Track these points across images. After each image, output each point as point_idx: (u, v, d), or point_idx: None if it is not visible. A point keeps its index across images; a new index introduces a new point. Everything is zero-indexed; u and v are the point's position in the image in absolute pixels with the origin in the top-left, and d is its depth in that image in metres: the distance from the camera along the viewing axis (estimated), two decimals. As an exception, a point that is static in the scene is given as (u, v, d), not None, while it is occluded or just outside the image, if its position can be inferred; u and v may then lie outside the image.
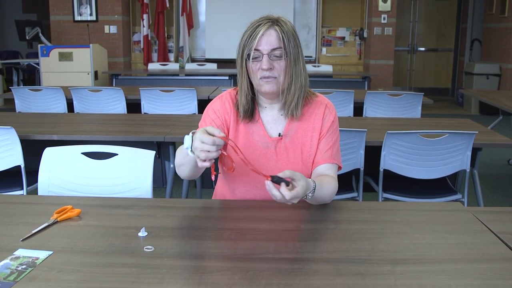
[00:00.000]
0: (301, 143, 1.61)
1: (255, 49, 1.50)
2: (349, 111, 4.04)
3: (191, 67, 7.03)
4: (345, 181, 2.75)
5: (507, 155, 5.21)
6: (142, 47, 8.11)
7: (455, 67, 9.85)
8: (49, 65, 6.89)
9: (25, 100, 4.15)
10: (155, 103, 4.06)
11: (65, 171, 1.81)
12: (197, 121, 1.67)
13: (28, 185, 2.61)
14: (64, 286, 1.04)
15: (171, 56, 8.37)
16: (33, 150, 2.31)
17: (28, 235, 1.28)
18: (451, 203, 1.64)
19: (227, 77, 6.33)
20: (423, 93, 4.09)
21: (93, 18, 7.87)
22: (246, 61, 1.53)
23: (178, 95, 4.04)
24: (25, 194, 2.60)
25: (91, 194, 1.78)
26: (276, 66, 1.51)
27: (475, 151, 2.66)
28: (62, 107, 4.10)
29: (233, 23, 7.64)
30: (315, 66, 6.92)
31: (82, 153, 1.83)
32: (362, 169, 2.63)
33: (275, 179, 1.29)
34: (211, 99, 1.70)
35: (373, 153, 2.60)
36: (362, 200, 2.70)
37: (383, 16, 7.81)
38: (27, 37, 7.39)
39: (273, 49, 1.50)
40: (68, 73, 6.86)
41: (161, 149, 2.87)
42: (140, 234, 1.29)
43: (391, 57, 7.98)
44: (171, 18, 8.22)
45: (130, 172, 1.80)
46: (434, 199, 2.64)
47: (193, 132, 1.37)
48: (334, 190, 1.55)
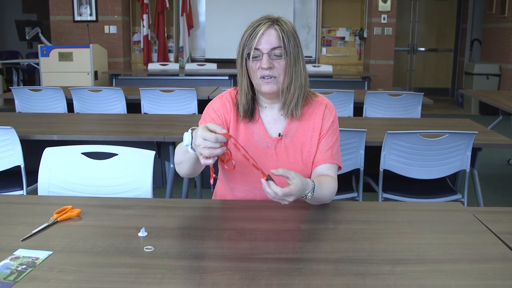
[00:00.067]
0: (301, 143, 1.61)
1: (255, 48, 1.50)
2: (349, 111, 4.04)
3: (191, 67, 7.03)
4: (345, 181, 2.75)
5: (507, 155, 5.21)
6: (142, 47, 8.11)
7: (455, 67, 9.85)
8: (49, 65, 6.89)
9: (25, 100, 4.15)
10: (155, 103, 4.06)
11: (65, 171, 1.81)
12: (197, 121, 1.67)
13: (28, 185, 2.61)
14: (64, 286, 1.04)
15: (171, 56, 8.37)
16: (33, 150, 2.31)
17: (28, 235, 1.28)
18: (451, 203, 1.64)
19: (227, 77, 6.33)
20: (423, 93, 4.09)
21: (93, 18, 7.88)
22: (246, 61, 1.53)
23: (178, 95, 4.04)
24: (25, 194, 2.60)
25: (91, 194, 1.78)
26: (276, 65, 1.51)
27: (475, 151, 2.66)
28: (62, 107, 4.10)
29: (233, 23, 7.64)
30: (315, 66, 6.91)
31: (82, 153, 1.83)
32: (362, 169, 2.63)
33: (270, 178, 1.31)
34: (211, 99, 1.70)
35: (373, 153, 2.60)
36: (362, 200, 2.70)
37: (383, 16, 7.81)
38: (27, 37, 7.40)
39: (273, 48, 1.50)
40: (68, 73, 6.86)
41: (161, 149, 2.87)
42: (140, 234, 1.29)
43: (391, 57, 7.98)
44: (171, 18, 8.22)
45: (130, 172, 1.81)
46: (434, 199, 2.64)
47: (192, 128, 1.37)
48: (334, 190, 1.55)
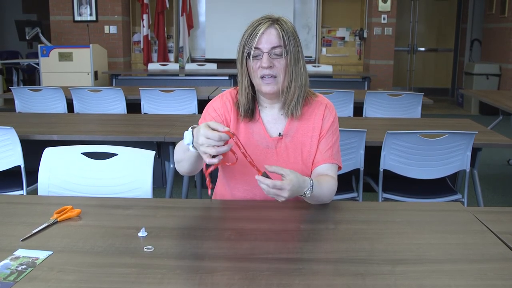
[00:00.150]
0: (301, 143, 1.61)
1: (256, 48, 1.50)
2: (349, 111, 4.04)
3: (191, 67, 7.03)
4: (345, 181, 2.75)
5: (507, 155, 5.21)
6: (142, 47, 8.11)
7: (455, 67, 9.85)
8: (49, 65, 6.89)
9: (25, 100, 4.15)
10: (155, 103, 4.06)
11: (65, 171, 1.81)
12: (197, 121, 1.67)
13: (28, 185, 2.61)
14: (64, 286, 1.04)
15: (171, 56, 8.37)
16: (33, 150, 2.31)
17: (28, 235, 1.28)
18: (451, 203, 1.64)
19: (227, 77, 6.33)
20: (423, 93, 4.09)
21: (93, 18, 7.88)
22: (246, 60, 1.53)
23: (178, 95, 4.04)
24: (25, 194, 2.60)
25: (91, 194, 1.78)
26: (276, 64, 1.51)
27: (475, 151, 2.66)
28: (62, 107, 4.10)
29: (233, 23, 7.64)
30: (315, 66, 6.91)
31: (82, 153, 1.83)
32: (362, 169, 2.63)
33: (266, 175, 1.33)
34: (211, 99, 1.70)
35: (373, 153, 2.60)
36: (362, 200, 2.70)
37: (383, 16, 7.81)
38: (27, 37, 7.40)
39: (273, 47, 1.50)
40: (68, 73, 6.86)
41: (161, 149, 2.87)
42: (140, 234, 1.29)
43: (391, 57, 7.98)
44: (171, 18, 8.22)
45: (130, 172, 1.81)
46: (434, 199, 2.64)
47: (193, 127, 1.37)
48: (333, 189, 1.55)
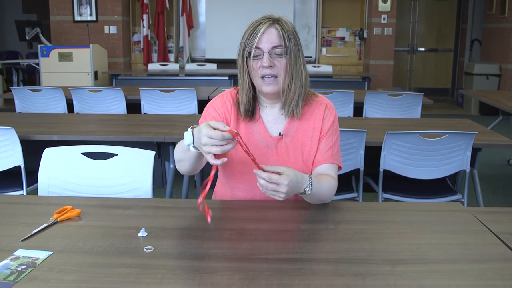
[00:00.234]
0: (301, 143, 1.61)
1: (256, 47, 1.50)
2: (349, 111, 4.04)
3: (191, 67, 7.03)
4: (345, 181, 2.75)
5: (507, 155, 5.21)
6: (142, 47, 8.11)
7: (455, 68, 9.85)
8: (49, 65, 6.89)
9: (25, 100, 4.15)
10: (155, 103, 4.06)
11: (65, 171, 1.81)
12: (197, 122, 1.67)
13: (28, 186, 2.61)
14: (64, 286, 1.04)
15: (171, 56, 8.37)
16: (33, 150, 2.31)
17: (28, 236, 1.28)
18: (451, 203, 1.64)
19: (227, 77, 6.33)
20: (423, 94, 4.09)
21: (93, 18, 7.88)
22: (247, 60, 1.53)
23: (178, 95, 4.04)
24: (25, 194, 2.60)
25: (91, 194, 1.78)
26: (276, 64, 1.51)
27: (475, 151, 2.66)
28: (62, 108, 4.10)
29: (233, 23, 7.64)
30: (315, 66, 6.91)
31: (82, 154, 1.83)
32: (362, 169, 2.63)
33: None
34: (211, 99, 1.70)
35: (373, 153, 2.60)
36: (362, 200, 2.70)
37: (383, 16, 7.82)
38: (27, 37, 7.40)
39: (274, 47, 1.50)
40: (68, 74, 6.86)
41: (161, 149, 2.87)
42: (140, 234, 1.29)
43: (391, 57, 7.98)
44: (171, 18, 8.22)
45: (130, 172, 1.81)
46: (434, 199, 2.64)
47: (192, 127, 1.37)
48: (333, 189, 1.55)
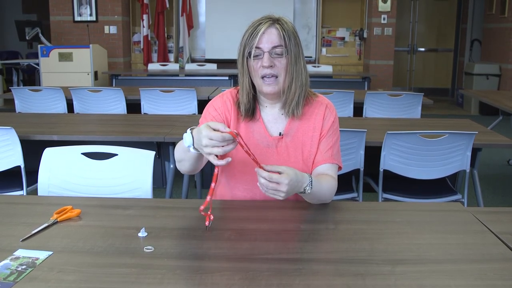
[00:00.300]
0: (301, 143, 1.61)
1: (256, 47, 1.50)
2: (349, 112, 4.04)
3: (191, 67, 7.03)
4: (345, 182, 2.75)
5: (507, 155, 5.21)
6: (142, 47, 8.11)
7: (455, 68, 9.85)
8: (49, 65, 6.88)
9: (25, 100, 4.14)
10: (155, 103, 4.06)
11: (65, 171, 1.81)
12: (197, 122, 1.67)
13: (28, 186, 2.61)
14: (64, 286, 1.04)
15: (171, 56, 8.37)
16: (33, 150, 2.31)
17: (28, 236, 1.28)
18: (451, 203, 1.64)
19: (227, 78, 6.33)
20: (423, 94, 4.09)
21: (93, 18, 7.87)
22: (247, 60, 1.53)
23: (178, 96, 4.04)
24: (25, 194, 2.60)
25: (91, 194, 1.78)
26: (277, 64, 1.51)
27: (475, 151, 2.66)
28: (62, 108, 4.10)
29: (233, 23, 7.64)
30: (315, 66, 6.91)
31: (82, 154, 1.83)
32: (362, 169, 2.63)
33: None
34: (211, 100, 1.70)
35: (373, 154, 2.60)
36: (362, 200, 2.70)
37: (383, 16, 7.81)
38: (27, 38, 7.39)
39: (274, 47, 1.50)
40: (68, 74, 6.86)
41: (161, 149, 2.87)
42: (140, 234, 1.29)
43: (391, 57, 7.98)
44: (171, 18, 8.22)
45: (130, 172, 1.81)
46: (434, 200, 2.64)
47: (191, 128, 1.37)
48: (333, 188, 1.55)
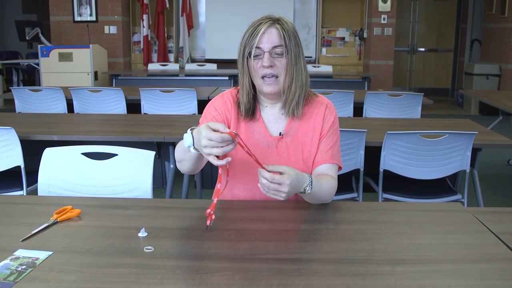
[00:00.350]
0: (301, 143, 1.61)
1: (257, 47, 1.50)
2: (349, 112, 4.04)
3: (191, 67, 7.03)
4: (345, 182, 2.75)
5: (507, 155, 5.21)
6: (142, 47, 8.11)
7: (455, 68, 9.85)
8: (49, 65, 6.88)
9: (25, 100, 4.14)
10: (155, 103, 4.06)
11: (65, 171, 1.81)
12: (197, 122, 1.67)
13: (28, 186, 2.61)
14: (64, 286, 1.04)
15: (171, 56, 8.37)
16: (33, 150, 2.31)
17: (28, 236, 1.28)
18: (451, 203, 1.64)
19: (227, 78, 6.33)
20: (423, 94, 4.09)
21: (93, 18, 7.87)
22: (247, 60, 1.53)
23: (178, 96, 4.04)
24: (25, 194, 2.60)
25: (91, 194, 1.78)
26: (277, 63, 1.51)
27: (475, 151, 2.66)
28: (62, 108, 4.10)
29: (233, 23, 7.64)
30: (315, 66, 6.92)
31: (82, 154, 1.83)
32: (362, 169, 2.63)
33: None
34: (211, 100, 1.70)
35: (373, 154, 2.60)
36: (362, 200, 2.70)
37: (383, 16, 7.82)
38: (27, 38, 7.39)
39: (274, 47, 1.50)
40: (68, 74, 6.86)
41: (161, 149, 2.87)
42: (140, 234, 1.29)
43: (391, 57, 7.98)
44: (171, 18, 8.22)
45: (130, 172, 1.81)
46: (434, 200, 2.64)
47: (192, 128, 1.37)
48: (333, 188, 1.55)
